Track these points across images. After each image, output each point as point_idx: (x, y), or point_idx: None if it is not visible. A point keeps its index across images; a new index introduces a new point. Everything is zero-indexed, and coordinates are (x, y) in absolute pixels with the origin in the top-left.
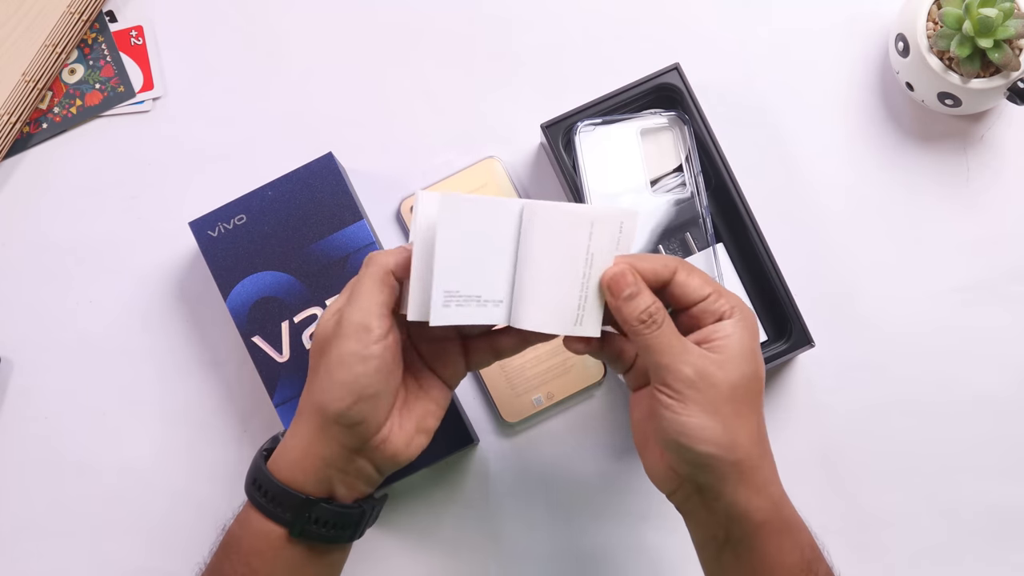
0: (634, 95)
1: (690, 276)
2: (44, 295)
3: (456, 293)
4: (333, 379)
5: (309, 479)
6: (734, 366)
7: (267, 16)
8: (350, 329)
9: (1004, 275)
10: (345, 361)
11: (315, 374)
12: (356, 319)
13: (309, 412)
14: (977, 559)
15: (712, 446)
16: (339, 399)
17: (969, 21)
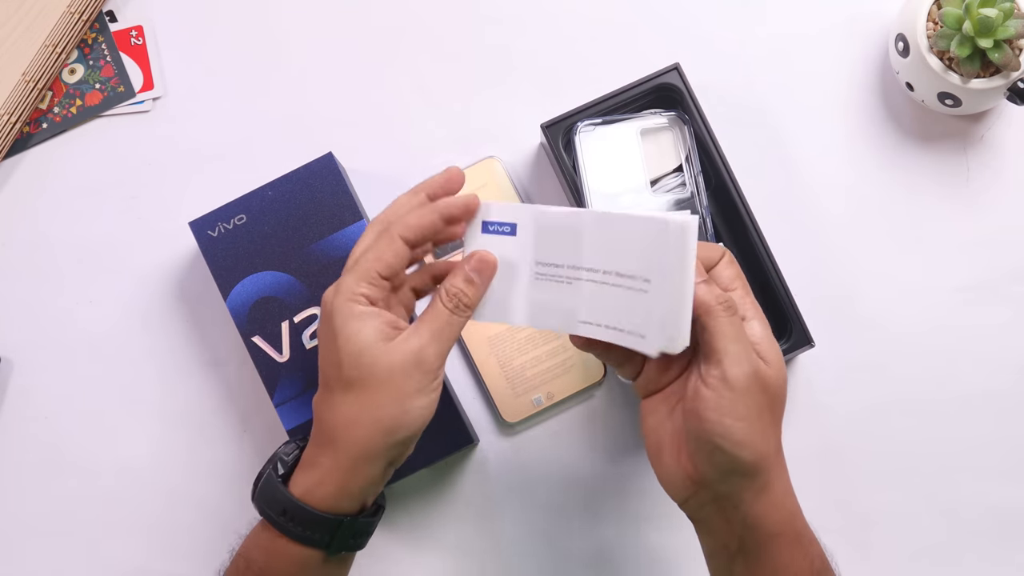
0: (634, 95)
1: (730, 265)
2: (44, 295)
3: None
4: (412, 407)
5: (351, 501)
6: (779, 373)
7: (267, 16)
8: (435, 370)
9: (1004, 275)
10: (425, 391)
11: (373, 401)
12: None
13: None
14: (977, 559)
15: (751, 453)
16: (413, 426)
17: (969, 21)
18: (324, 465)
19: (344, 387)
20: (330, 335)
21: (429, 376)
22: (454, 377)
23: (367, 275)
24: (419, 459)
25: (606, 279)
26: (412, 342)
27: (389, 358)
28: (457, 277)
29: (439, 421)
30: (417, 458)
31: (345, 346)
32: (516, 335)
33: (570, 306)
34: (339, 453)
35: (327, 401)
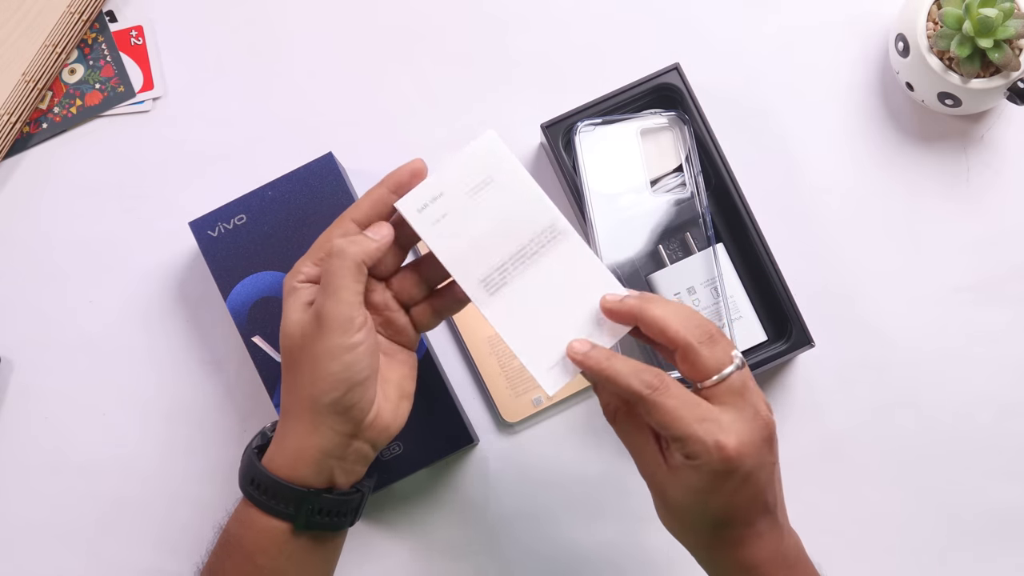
0: (634, 95)
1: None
2: (44, 295)
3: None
4: (323, 371)
5: (310, 471)
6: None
7: (267, 16)
8: (334, 323)
9: (1004, 275)
10: (334, 353)
11: (297, 370)
12: (339, 312)
13: (299, 408)
14: (977, 559)
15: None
16: (331, 389)
17: (969, 21)
18: (280, 433)
19: (284, 364)
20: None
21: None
22: (454, 377)
23: (313, 256)
24: (419, 459)
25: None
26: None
27: (298, 327)
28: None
29: (439, 421)
30: (417, 458)
31: (282, 325)
32: None
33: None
34: (288, 420)
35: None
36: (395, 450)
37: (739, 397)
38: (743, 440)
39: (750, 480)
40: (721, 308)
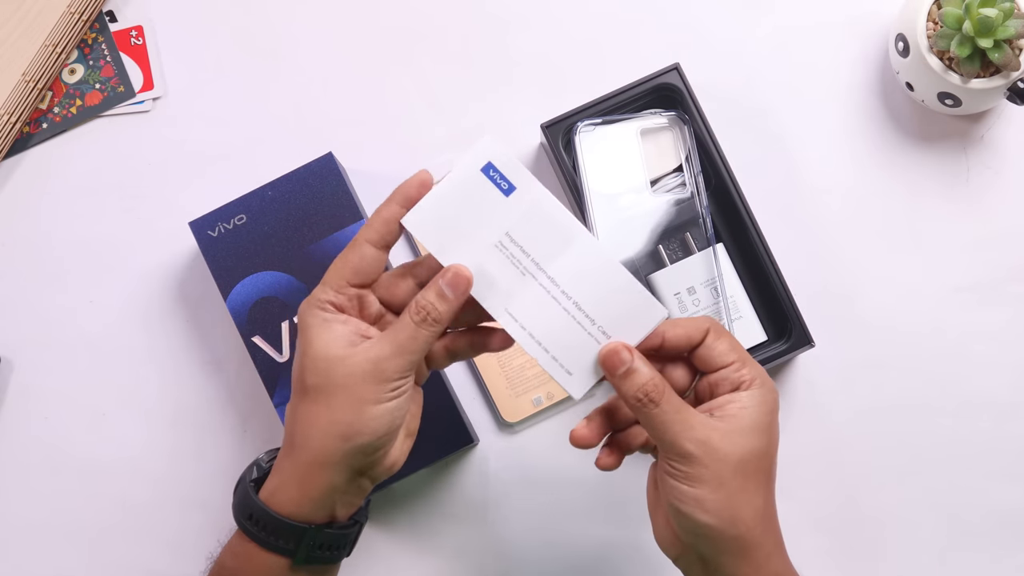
0: (634, 95)
1: (718, 340)
2: (44, 295)
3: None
4: (367, 413)
5: (314, 508)
6: (743, 439)
7: (267, 16)
8: (396, 381)
9: (1004, 275)
10: (382, 399)
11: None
12: (403, 373)
13: (317, 444)
14: (977, 559)
15: (712, 517)
16: (369, 432)
17: (969, 21)
18: (285, 470)
19: (305, 393)
20: (300, 343)
21: (386, 386)
22: (454, 377)
23: (334, 282)
24: (419, 459)
25: (563, 300)
26: (373, 351)
27: (347, 365)
28: (430, 291)
29: (439, 421)
30: (417, 458)
31: (308, 352)
32: None
33: (507, 291)
34: (297, 458)
35: (292, 407)
36: None
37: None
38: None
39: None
40: (721, 308)
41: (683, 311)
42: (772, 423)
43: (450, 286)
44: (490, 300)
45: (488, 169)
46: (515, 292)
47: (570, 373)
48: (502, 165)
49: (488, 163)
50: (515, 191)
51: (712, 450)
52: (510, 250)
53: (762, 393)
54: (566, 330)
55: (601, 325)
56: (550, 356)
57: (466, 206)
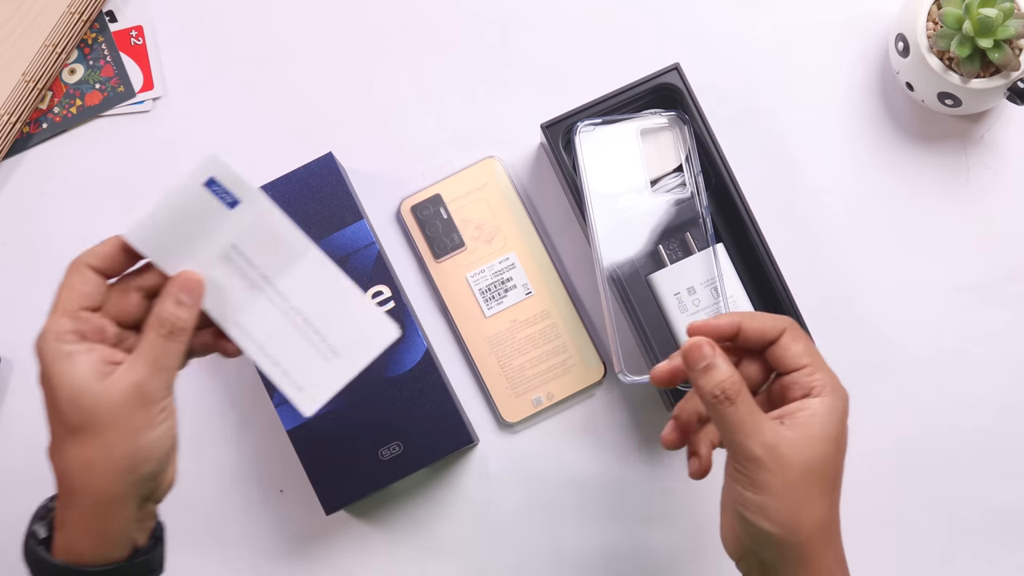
0: (634, 95)
1: (794, 341)
2: (44, 295)
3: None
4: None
5: (115, 547)
6: (810, 447)
7: (267, 16)
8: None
9: (1004, 275)
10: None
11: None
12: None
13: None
14: (977, 559)
15: (774, 525)
16: (149, 459)
17: (969, 21)
18: (73, 520)
19: (70, 434)
20: (44, 381)
21: (155, 408)
22: (454, 377)
23: (66, 310)
24: (419, 459)
25: (292, 315)
26: (130, 376)
27: (109, 397)
28: (167, 301)
29: (439, 421)
30: (417, 458)
31: (60, 390)
32: (516, 335)
33: (237, 303)
34: (83, 504)
35: (58, 451)
36: (395, 450)
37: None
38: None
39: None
40: (721, 308)
41: (683, 311)
42: (841, 432)
43: (185, 292)
44: (218, 311)
45: (211, 183)
46: (245, 305)
47: (301, 388)
48: (224, 179)
49: (210, 178)
50: (240, 204)
51: (779, 456)
52: (237, 262)
53: (833, 401)
54: (296, 345)
55: (331, 343)
56: (281, 370)
57: (190, 220)
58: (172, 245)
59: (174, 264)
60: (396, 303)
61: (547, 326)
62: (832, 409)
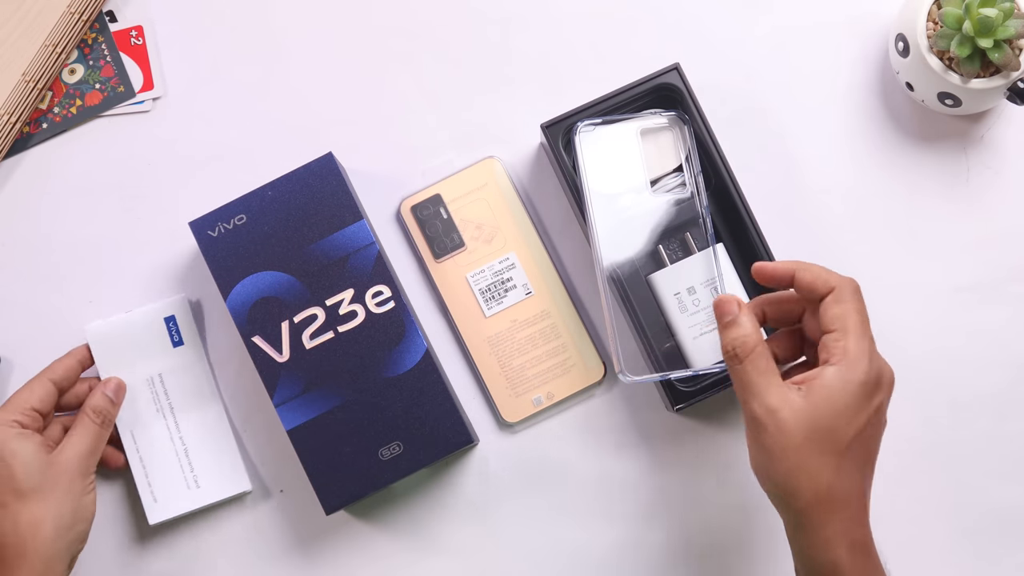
0: (634, 95)
1: (836, 303)
2: (44, 295)
3: None
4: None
5: None
6: (813, 416)
7: (267, 16)
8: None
9: (1004, 275)
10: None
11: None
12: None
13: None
14: (978, 559)
15: (771, 486)
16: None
17: (969, 21)
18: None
19: (20, 498)
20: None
21: (88, 478)
22: (454, 377)
23: (19, 408)
24: (419, 459)
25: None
26: (77, 449)
27: (58, 465)
28: (100, 397)
29: (439, 421)
30: (417, 458)
31: (13, 461)
32: (516, 335)
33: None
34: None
35: (5, 516)
36: (395, 450)
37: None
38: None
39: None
40: None
41: (683, 311)
42: (857, 405)
43: (114, 392)
44: (123, 418)
45: (169, 320)
46: (145, 422)
47: (155, 500)
48: (180, 321)
49: (171, 316)
50: (182, 346)
51: (779, 420)
52: (156, 389)
53: (846, 372)
54: (168, 466)
55: (196, 474)
56: (147, 481)
57: (141, 340)
58: (117, 353)
59: (111, 368)
60: (396, 303)
61: (547, 326)
62: (846, 381)
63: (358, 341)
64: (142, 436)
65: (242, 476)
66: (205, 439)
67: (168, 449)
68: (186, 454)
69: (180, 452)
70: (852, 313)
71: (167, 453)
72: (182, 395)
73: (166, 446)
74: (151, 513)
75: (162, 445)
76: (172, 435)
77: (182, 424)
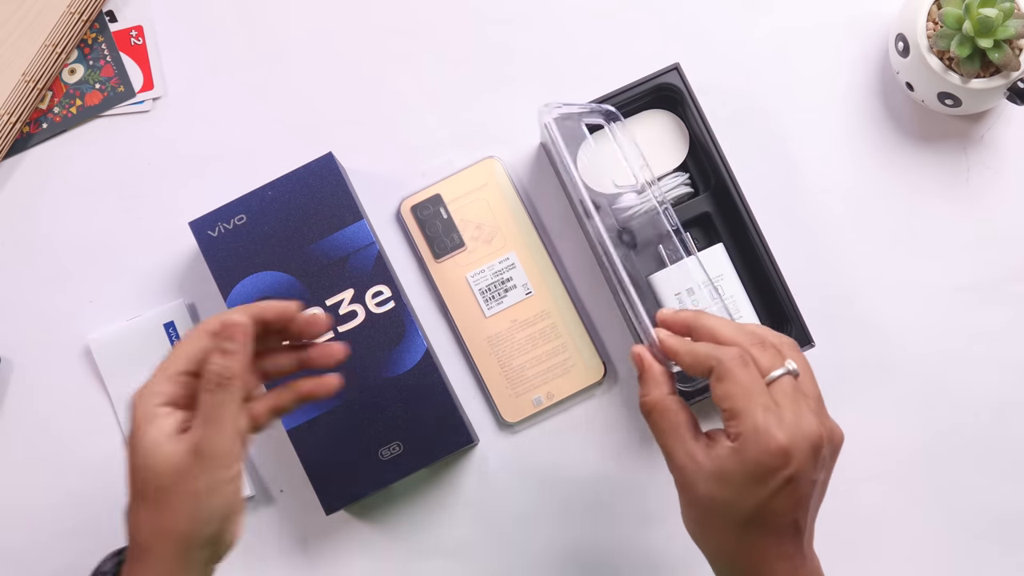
0: (634, 95)
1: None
2: (44, 295)
3: None
4: (204, 507)
5: None
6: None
7: (267, 16)
8: (220, 459)
9: (1004, 275)
10: (217, 488)
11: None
12: (224, 447)
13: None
14: (978, 559)
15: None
16: (212, 522)
17: (969, 21)
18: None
19: (140, 498)
20: (129, 440)
21: (216, 466)
22: (454, 377)
23: (166, 371)
24: (419, 459)
25: None
26: (188, 438)
27: (170, 462)
28: (213, 355)
29: (439, 421)
30: (417, 458)
31: (136, 454)
32: (516, 335)
33: None
34: (150, 567)
35: (132, 512)
36: (395, 450)
37: (792, 401)
38: (795, 441)
39: (790, 486)
40: (720, 308)
41: None
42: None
43: (226, 338)
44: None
45: (169, 326)
46: None
47: None
48: (180, 327)
49: (171, 322)
50: None
51: (685, 480)
52: None
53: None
54: None
55: None
56: None
57: (143, 348)
58: (119, 362)
59: (114, 377)
60: (396, 303)
61: (547, 326)
62: (738, 460)
63: (358, 341)
64: None
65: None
66: None
67: None
68: None
69: None
70: (737, 392)
71: None
72: None
73: None
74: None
75: None
76: None
77: None
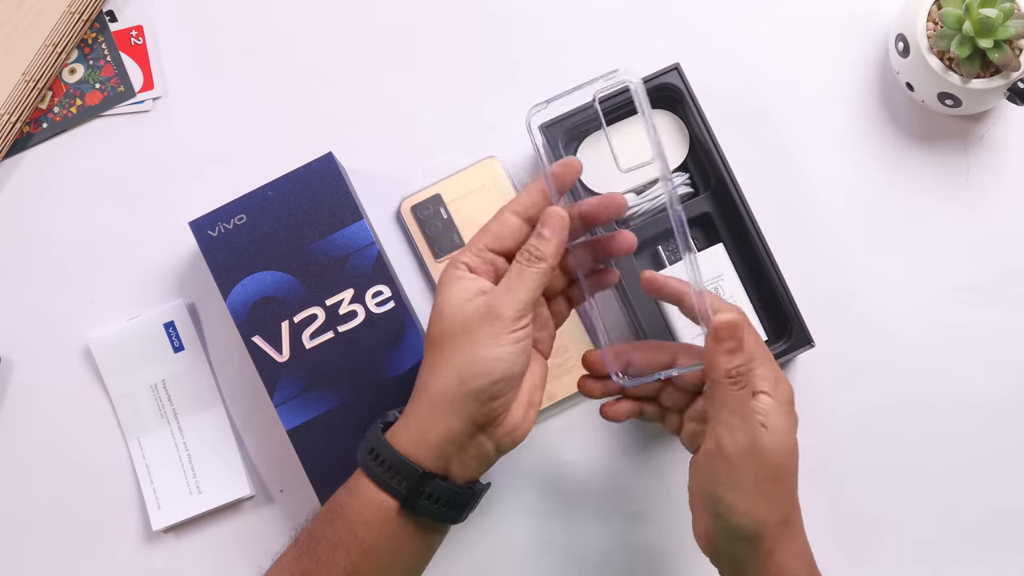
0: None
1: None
2: (44, 295)
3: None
4: (482, 356)
5: (430, 454)
6: (781, 442)
7: (267, 16)
8: (506, 315)
9: (1004, 275)
10: (498, 341)
11: (450, 350)
12: (514, 307)
13: (439, 387)
14: (976, 560)
15: (747, 520)
16: (485, 375)
17: (969, 21)
18: (410, 414)
19: (431, 343)
20: (434, 299)
21: (500, 325)
22: None
23: (473, 246)
24: None
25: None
26: (485, 299)
27: (465, 311)
28: (532, 236)
29: None
30: None
31: (437, 304)
32: None
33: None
34: (420, 402)
35: (424, 359)
36: None
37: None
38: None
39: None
40: None
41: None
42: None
43: (546, 227)
44: (130, 426)
45: (169, 326)
46: (150, 428)
47: (159, 507)
48: (180, 327)
49: (171, 321)
50: (183, 351)
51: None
52: (160, 395)
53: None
54: (172, 473)
55: (198, 480)
56: (152, 487)
57: (143, 348)
58: (120, 362)
59: (115, 378)
60: (396, 303)
61: None
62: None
63: (358, 341)
64: (148, 443)
65: (243, 482)
66: (207, 445)
67: (172, 455)
68: (189, 460)
69: (184, 458)
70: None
71: (171, 459)
72: (185, 400)
73: (170, 452)
74: (155, 519)
75: (166, 451)
76: (176, 441)
77: (185, 430)
